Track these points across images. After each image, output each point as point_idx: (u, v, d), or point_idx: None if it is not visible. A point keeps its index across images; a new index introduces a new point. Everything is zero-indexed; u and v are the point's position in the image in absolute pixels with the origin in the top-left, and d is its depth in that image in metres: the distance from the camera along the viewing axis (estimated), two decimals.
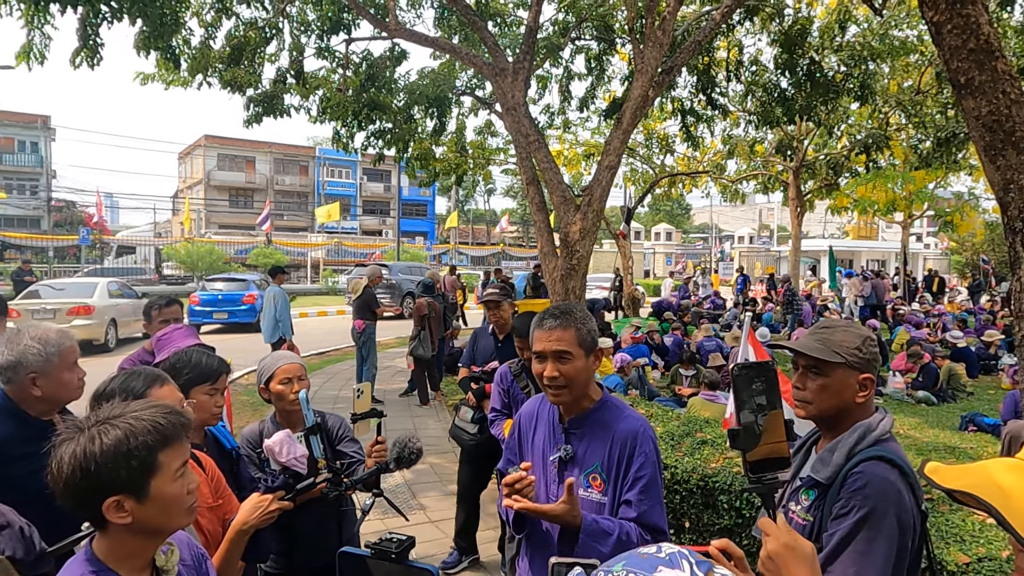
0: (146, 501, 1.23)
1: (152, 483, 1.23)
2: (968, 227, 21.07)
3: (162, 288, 23.04)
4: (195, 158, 48.91)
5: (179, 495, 1.27)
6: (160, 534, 1.31)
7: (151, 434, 1.22)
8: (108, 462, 1.19)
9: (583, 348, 1.89)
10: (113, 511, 1.22)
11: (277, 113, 8.85)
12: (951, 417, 8.27)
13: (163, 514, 1.26)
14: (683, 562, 0.84)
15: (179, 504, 1.27)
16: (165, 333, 2.84)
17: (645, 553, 0.86)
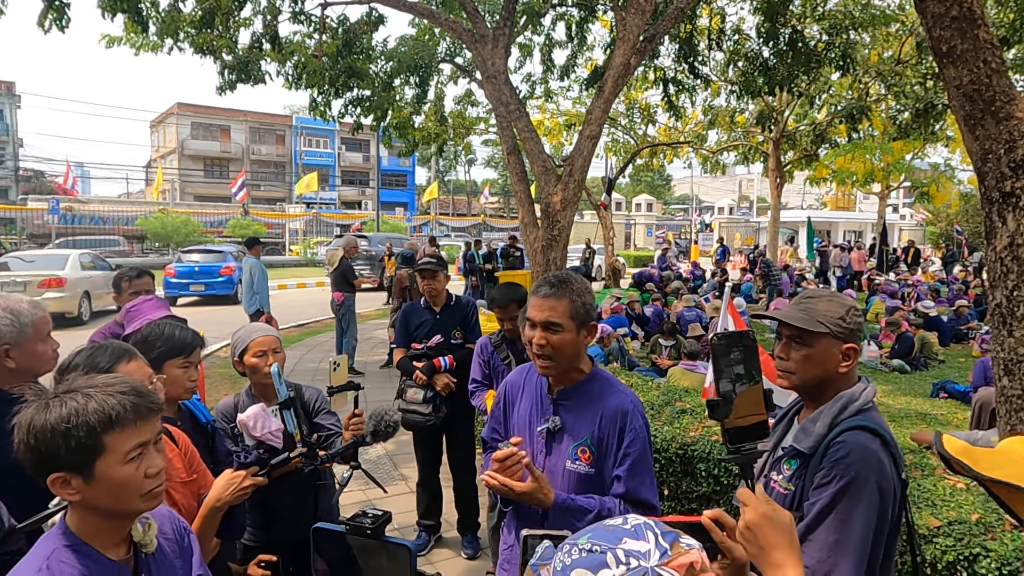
0: (92, 482, 1.19)
1: (96, 465, 1.18)
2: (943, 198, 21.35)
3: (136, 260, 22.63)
4: (168, 127, 47.73)
5: (130, 479, 1.21)
6: (116, 516, 1.26)
7: (95, 414, 1.17)
8: (48, 438, 1.15)
9: (574, 321, 1.85)
10: (59, 487, 1.19)
11: (252, 80, 8.62)
12: (923, 385, 8.45)
13: (112, 497, 1.21)
14: (648, 533, 0.83)
15: (131, 488, 1.21)
16: (135, 305, 2.77)
17: (611, 525, 0.86)
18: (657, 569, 0.78)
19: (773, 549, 1.08)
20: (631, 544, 0.81)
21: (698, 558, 0.82)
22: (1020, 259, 3.09)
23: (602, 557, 0.80)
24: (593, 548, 0.81)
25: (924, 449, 3.41)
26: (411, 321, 4.21)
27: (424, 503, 4.25)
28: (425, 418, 3.96)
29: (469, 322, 4.22)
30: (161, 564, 1.35)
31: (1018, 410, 3.23)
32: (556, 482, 1.86)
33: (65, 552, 1.21)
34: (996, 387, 3.36)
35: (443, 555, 4.15)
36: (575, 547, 0.83)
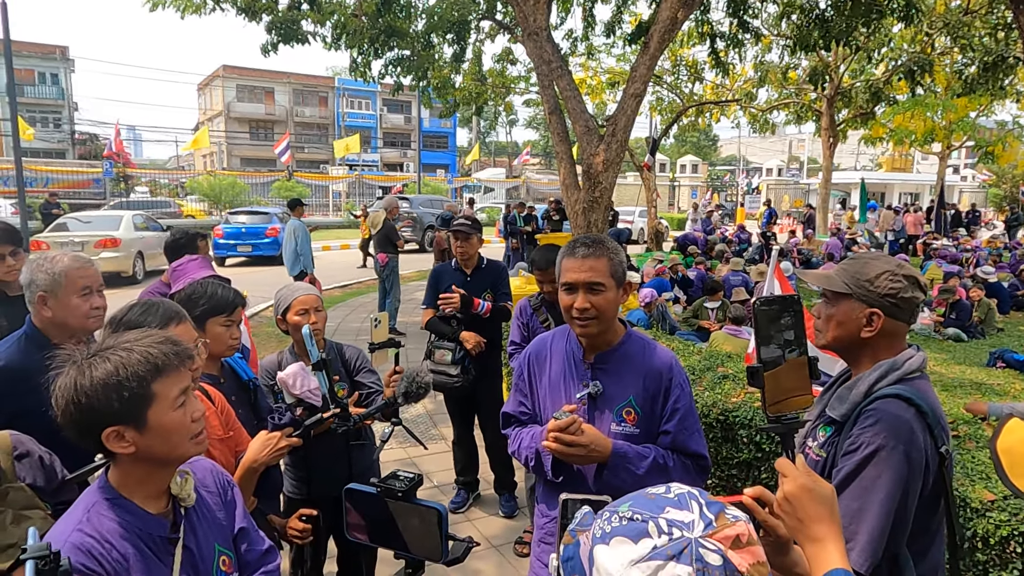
0: (146, 431, 1.22)
1: (149, 413, 1.22)
2: (1010, 158, 20.23)
3: (186, 222, 23.24)
4: (214, 89, 48.42)
5: (181, 424, 1.26)
6: (168, 463, 1.30)
7: (142, 364, 1.21)
8: (99, 395, 1.18)
9: (615, 279, 1.84)
10: (114, 441, 1.22)
11: (294, 40, 8.61)
12: (979, 353, 8.14)
13: (166, 443, 1.25)
14: (692, 503, 0.80)
15: (182, 432, 1.26)
16: (180, 264, 2.84)
17: (653, 493, 0.83)
18: (701, 540, 0.75)
19: (813, 522, 1.04)
20: (674, 514, 0.78)
21: (744, 530, 0.78)
22: None
23: (643, 526, 0.77)
24: (634, 516, 0.79)
25: (979, 420, 3.28)
26: (441, 282, 4.19)
27: (460, 462, 4.31)
28: (453, 379, 3.96)
29: (499, 285, 4.19)
30: (202, 516, 1.38)
31: None
32: None
33: (105, 505, 1.25)
34: None
35: (480, 513, 4.22)
36: (615, 514, 0.80)
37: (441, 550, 1.28)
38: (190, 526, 1.34)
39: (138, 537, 1.25)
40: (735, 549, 0.76)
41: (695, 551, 0.74)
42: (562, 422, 1.73)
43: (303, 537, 2.07)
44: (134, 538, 1.24)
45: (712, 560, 0.74)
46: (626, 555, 0.75)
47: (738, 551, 0.76)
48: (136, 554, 1.23)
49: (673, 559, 0.74)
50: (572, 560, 0.84)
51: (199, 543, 1.34)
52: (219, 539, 1.40)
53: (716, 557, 0.74)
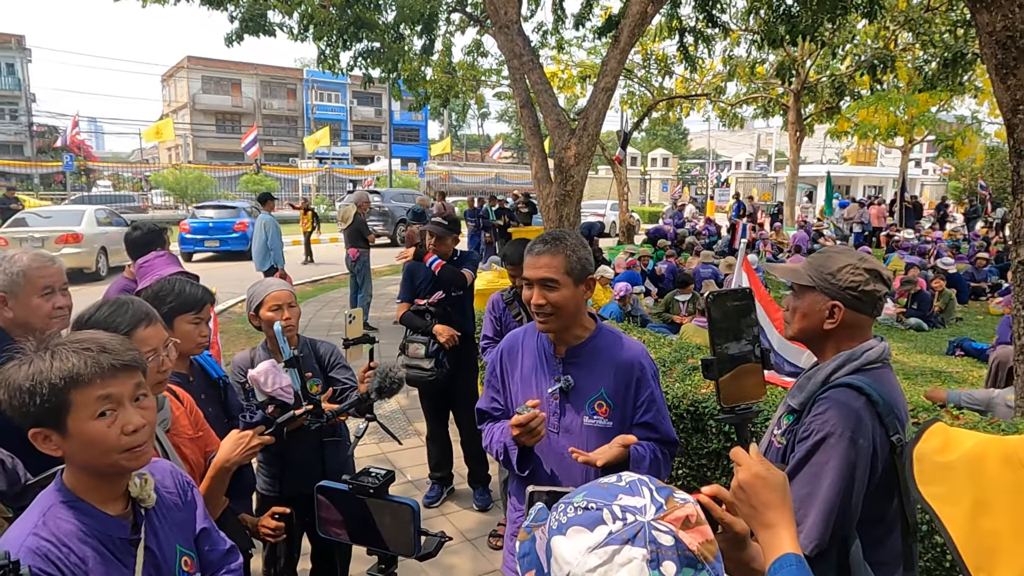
0: (68, 437, 1.20)
1: (68, 421, 1.19)
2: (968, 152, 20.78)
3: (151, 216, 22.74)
4: (179, 81, 47.36)
5: (102, 435, 1.20)
6: (100, 473, 1.26)
7: (56, 372, 1.17)
8: (16, 396, 1.17)
9: (571, 276, 1.85)
10: (41, 442, 1.21)
11: (260, 31, 8.47)
12: (940, 342, 8.39)
13: (87, 453, 1.21)
14: (643, 488, 0.84)
15: (104, 444, 1.20)
16: (147, 260, 2.78)
17: (605, 483, 0.86)
18: (653, 523, 0.79)
19: (766, 508, 1.08)
20: (627, 500, 0.81)
21: (693, 511, 0.82)
22: None
23: (598, 514, 0.80)
24: (589, 505, 0.81)
25: (938, 407, 3.38)
26: (416, 277, 4.24)
27: (435, 457, 4.32)
28: (427, 373, 3.97)
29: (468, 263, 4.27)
30: (163, 518, 1.36)
31: None
32: (575, 440, 1.88)
33: (61, 508, 1.23)
34: (1015, 345, 3.31)
35: (455, 507, 4.23)
36: (570, 505, 0.83)
37: (413, 545, 1.28)
38: (151, 527, 1.32)
39: (97, 539, 1.23)
40: (685, 529, 0.79)
41: (648, 534, 0.77)
42: (522, 417, 1.77)
43: (276, 535, 2.06)
44: (93, 540, 1.22)
45: (664, 541, 0.77)
46: (583, 543, 0.78)
47: (688, 531, 0.79)
48: (96, 556, 1.22)
49: (628, 543, 0.76)
50: (529, 555, 0.86)
51: (160, 544, 1.33)
52: (180, 540, 1.39)
53: (668, 538, 0.77)
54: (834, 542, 1.46)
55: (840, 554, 1.47)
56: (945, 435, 0.80)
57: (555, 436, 1.92)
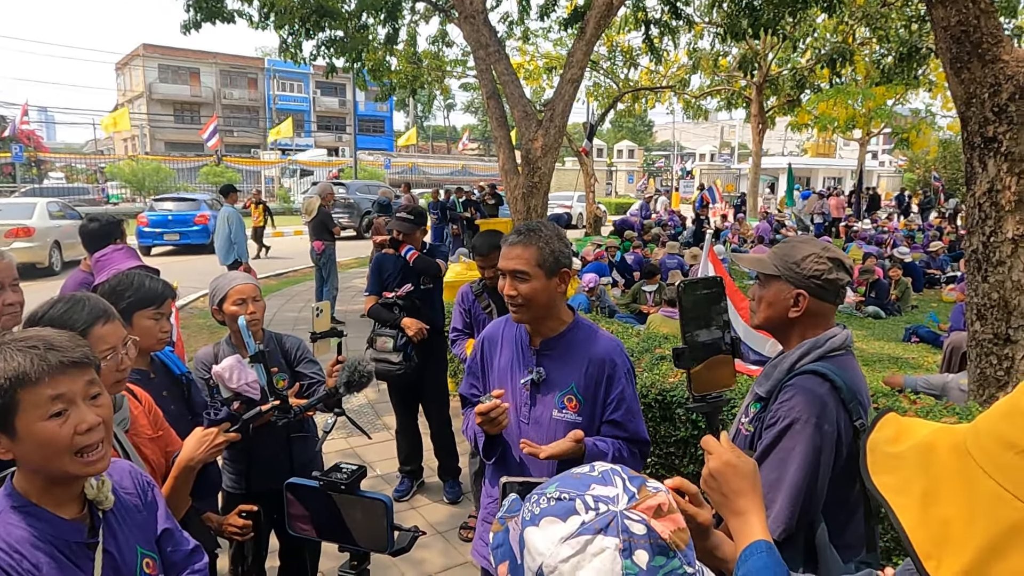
0: (17, 439, 1.15)
1: (16, 422, 1.14)
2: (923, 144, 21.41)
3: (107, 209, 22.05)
4: (134, 69, 45.91)
5: (53, 436, 1.15)
6: (53, 477, 1.21)
7: (3, 372, 1.12)
8: None
9: (543, 269, 1.84)
10: None
11: (218, 18, 8.25)
12: (896, 330, 8.64)
13: (38, 455, 1.16)
14: (615, 478, 0.84)
15: (55, 446, 1.15)
16: (105, 254, 2.69)
17: (578, 473, 0.86)
18: (626, 512, 0.79)
19: (736, 496, 1.09)
20: (599, 490, 0.82)
21: (665, 500, 0.83)
22: (999, 205, 3.11)
23: (571, 504, 0.80)
24: (562, 496, 0.81)
25: (896, 392, 3.48)
26: (384, 270, 4.18)
27: (404, 450, 4.29)
28: (396, 367, 3.92)
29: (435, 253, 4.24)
30: (122, 519, 1.32)
31: (988, 354, 3.30)
32: (544, 432, 1.88)
33: (12, 514, 1.18)
34: (968, 331, 3.42)
35: (425, 500, 4.21)
36: (543, 496, 0.83)
37: (387, 541, 1.27)
38: (109, 530, 1.28)
39: (52, 544, 1.18)
40: (657, 518, 0.80)
41: (621, 523, 0.78)
42: (484, 406, 1.78)
43: (243, 534, 2.02)
44: (47, 546, 1.18)
45: (637, 530, 0.78)
46: (556, 533, 0.78)
47: (660, 519, 0.80)
48: (50, 562, 1.17)
49: (600, 532, 0.77)
50: (502, 547, 0.86)
51: (120, 547, 1.29)
52: (141, 541, 1.35)
53: (640, 527, 0.78)
54: (801, 526, 1.49)
55: (807, 538, 1.51)
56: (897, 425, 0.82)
57: (525, 426, 1.93)
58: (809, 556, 1.50)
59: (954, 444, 0.75)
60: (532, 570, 0.79)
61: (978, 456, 0.71)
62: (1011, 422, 0.70)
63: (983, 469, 0.70)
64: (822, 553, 1.48)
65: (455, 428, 4.36)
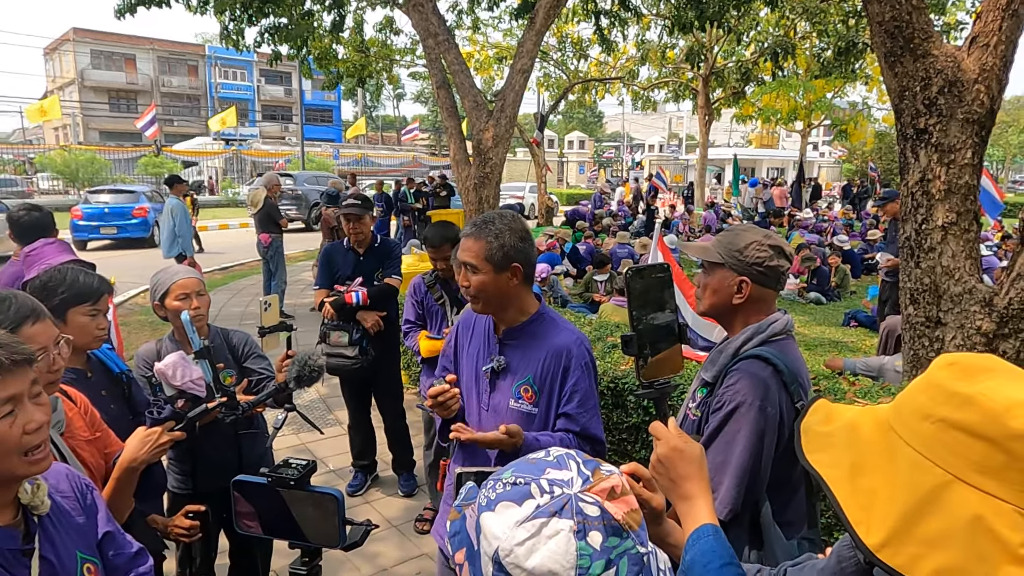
0: None
1: None
2: (860, 136, 22.19)
3: (38, 201, 20.99)
4: (64, 55, 43.71)
5: (3, 437, 1.12)
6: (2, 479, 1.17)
7: None
8: None
9: (491, 263, 1.82)
10: None
11: (154, 2, 7.91)
12: (836, 315, 8.97)
13: None
14: (570, 462, 0.85)
15: (7, 446, 1.12)
16: (35, 248, 2.57)
17: (534, 458, 0.88)
18: (580, 495, 0.80)
19: (683, 481, 1.12)
20: (554, 474, 0.83)
21: (619, 482, 0.85)
22: (930, 194, 3.25)
23: (526, 488, 0.81)
24: (517, 480, 0.82)
25: (836, 375, 3.62)
26: (333, 262, 4.06)
27: (357, 445, 4.24)
28: (352, 361, 3.85)
29: (389, 262, 4.11)
30: (60, 524, 1.27)
31: (920, 336, 3.46)
32: (500, 420, 1.88)
33: None
34: (903, 314, 3.58)
35: (379, 494, 4.18)
36: (499, 482, 0.84)
37: (338, 536, 1.25)
38: (46, 535, 1.23)
39: None
40: (611, 500, 0.82)
41: (575, 505, 0.79)
42: (433, 390, 1.81)
43: (190, 535, 1.96)
44: None
45: (591, 512, 0.79)
46: (511, 517, 0.79)
47: (614, 501, 0.82)
48: None
49: (555, 515, 0.78)
50: (459, 534, 0.87)
51: (58, 552, 1.24)
52: (81, 546, 1.30)
53: (594, 509, 0.80)
54: (746, 506, 1.54)
55: (752, 517, 1.56)
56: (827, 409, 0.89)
57: (485, 413, 1.94)
58: (754, 534, 1.55)
59: (877, 421, 0.81)
60: (488, 555, 0.79)
61: (899, 428, 0.78)
62: (927, 395, 0.77)
63: (903, 439, 0.76)
64: (767, 531, 1.53)
65: (409, 421, 4.33)
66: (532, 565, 0.76)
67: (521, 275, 1.87)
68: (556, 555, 0.76)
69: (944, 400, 0.74)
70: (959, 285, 3.18)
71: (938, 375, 0.77)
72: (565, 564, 0.76)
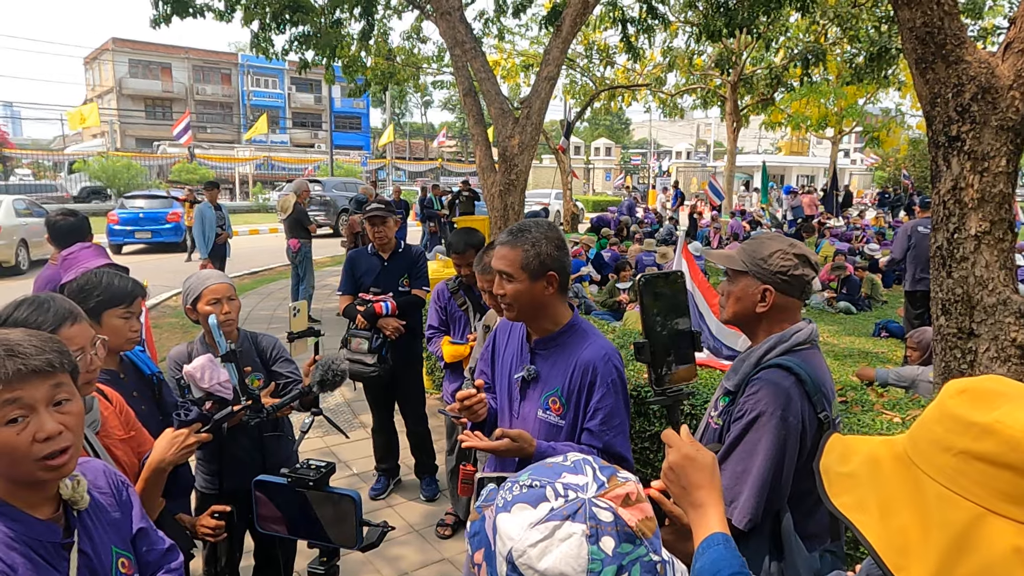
0: None
1: None
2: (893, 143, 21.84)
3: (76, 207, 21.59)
4: (103, 64, 44.96)
5: (9, 443, 1.13)
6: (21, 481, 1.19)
7: None
8: None
9: (526, 271, 1.81)
10: None
11: (187, 12, 8.11)
12: (867, 325, 8.80)
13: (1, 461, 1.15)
14: (586, 467, 0.87)
15: (16, 453, 1.14)
16: (72, 252, 2.65)
17: (551, 462, 0.89)
18: (594, 499, 0.81)
19: (695, 488, 1.11)
20: (570, 478, 0.84)
21: (634, 489, 0.85)
22: (962, 202, 3.18)
23: (541, 491, 0.82)
24: (533, 483, 0.84)
25: (864, 386, 3.56)
26: (357, 267, 4.09)
27: (380, 449, 4.27)
28: (371, 368, 3.87)
29: (416, 271, 4.13)
30: (97, 519, 1.31)
31: (952, 347, 3.38)
32: (528, 430, 1.88)
33: None
34: (933, 325, 3.50)
35: (401, 499, 4.20)
36: (516, 484, 0.86)
37: (355, 536, 1.28)
38: (84, 530, 1.27)
39: (27, 545, 1.17)
40: (625, 506, 0.82)
41: (588, 510, 0.80)
42: (462, 393, 1.81)
43: (216, 534, 2.00)
44: (22, 547, 1.17)
45: (604, 517, 0.80)
46: (526, 519, 0.80)
47: (628, 508, 0.82)
48: (26, 563, 1.16)
49: (568, 519, 0.79)
50: (479, 535, 0.88)
51: (95, 546, 1.28)
52: (116, 541, 1.34)
53: (607, 514, 0.80)
54: (767, 516, 1.52)
55: (773, 527, 1.54)
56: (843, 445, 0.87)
57: (516, 421, 1.94)
58: (775, 545, 1.53)
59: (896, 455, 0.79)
60: (503, 555, 0.81)
61: (919, 462, 0.76)
62: (942, 426, 0.75)
63: (926, 474, 0.74)
64: (788, 542, 1.52)
65: (431, 426, 4.36)
66: (544, 567, 0.77)
67: (557, 284, 1.86)
68: (568, 558, 0.77)
69: (962, 431, 0.72)
70: (993, 296, 3.11)
71: (950, 404, 0.75)
72: (577, 567, 0.77)
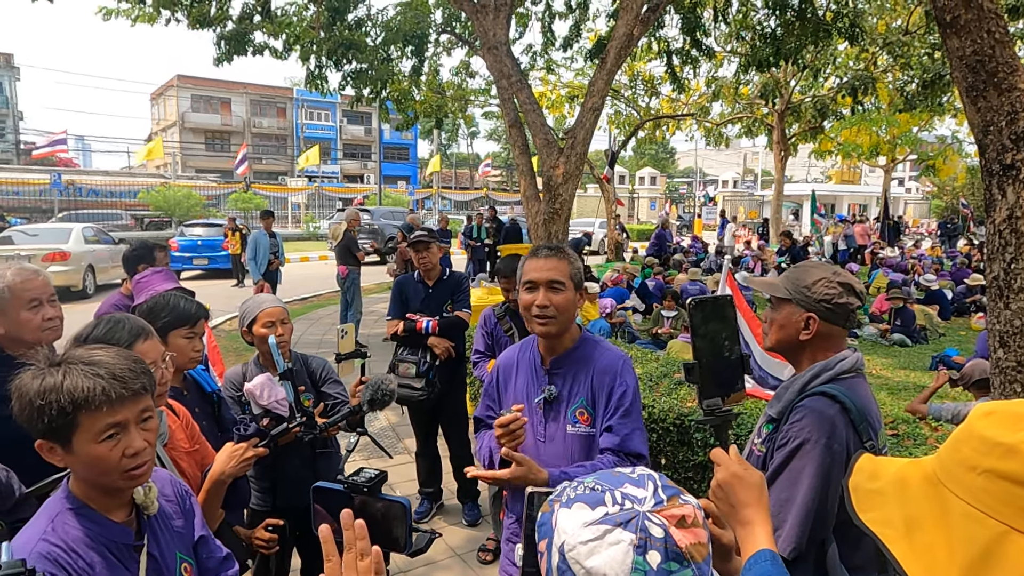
0: (72, 453, 1.24)
1: (75, 439, 1.22)
2: (950, 171, 21.19)
3: (139, 234, 22.62)
4: (168, 99, 47.36)
5: (104, 458, 1.23)
6: (100, 489, 1.29)
7: (68, 394, 1.19)
8: (29, 408, 1.21)
9: (573, 281, 1.96)
10: (47, 453, 1.25)
11: (247, 51, 8.55)
12: (923, 358, 8.49)
13: (90, 471, 1.26)
14: (648, 483, 0.90)
15: (105, 466, 1.24)
16: (144, 276, 2.82)
17: (619, 471, 0.93)
18: (648, 514, 0.85)
19: (743, 507, 1.13)
20: (630, 489, 0.88)
21: (692, 512, 0.88)
22: (1018, 232, 3.10)
23: (601, 496, 0.87)
24: (596, 487, 0.89)
25: (917, 420, 3.45)
26: (405, 292, 4.22)
27: (424, 472, 4.33)
28: (419, 392, 3.96)
29: (459, 295, 4.22)
30: (164, 525, 1.40)
31: (1012, 381, 3.27)
32: (559, 448, 1.93)
33: (69, 515, 1.27)
34: (991, 359, 3.39)
35: (444, 523, 4.23)
36: (582, 484, 0.91)
37: (405, 541, 1.33)
38: (153, 534, 1.36)
39: (103, 545, 1.27)
40: (679, 527, 0.85)
41: (641, 522, 0.84)
42: (504, 418, 1.81)
43: (269, 547, 2.08)
44: (99, 546, 1.26)
45: (655, 532, 0.83)
46: (581, 518, 0.86)
47: (681, 529, 0.85)
48: (102, 562, 1.26)
49: (620, 526, 0.84)
50: (544, 525, 0.93)
51: (162, 551, 1.37)
52: (180, 547, 1.43)
53: (659, 530, 0.84)
54: (812, 545, 1.51)
55: (818, 557, 1.52)
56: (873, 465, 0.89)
57: (542, 444, 1.98)
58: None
59: (925, 475, 0.81)
60: (556, 546, 0.86)
61: (947, 481, 0.78)
62: (969, 446, 0.77)
63: (953, 492, 0.76)
64: (833, 573, 1.50)
65: (474, 451, 4.39)
66: (590, 565, 0.82)
67: (584, 298, 2.03)
68: (613, 562, 0.81)
69: (987, 451, 0.74)
70: None
71: (978, 426, 0.77)
72: (620, 573, 0.81)
